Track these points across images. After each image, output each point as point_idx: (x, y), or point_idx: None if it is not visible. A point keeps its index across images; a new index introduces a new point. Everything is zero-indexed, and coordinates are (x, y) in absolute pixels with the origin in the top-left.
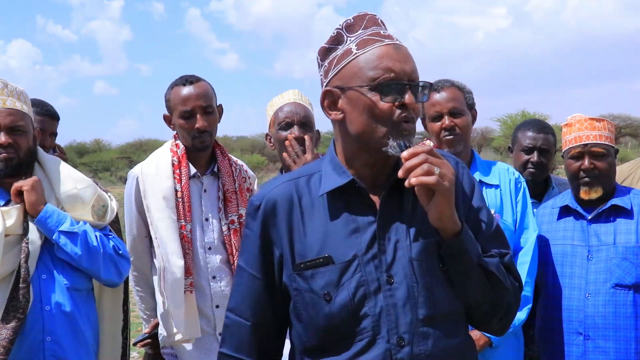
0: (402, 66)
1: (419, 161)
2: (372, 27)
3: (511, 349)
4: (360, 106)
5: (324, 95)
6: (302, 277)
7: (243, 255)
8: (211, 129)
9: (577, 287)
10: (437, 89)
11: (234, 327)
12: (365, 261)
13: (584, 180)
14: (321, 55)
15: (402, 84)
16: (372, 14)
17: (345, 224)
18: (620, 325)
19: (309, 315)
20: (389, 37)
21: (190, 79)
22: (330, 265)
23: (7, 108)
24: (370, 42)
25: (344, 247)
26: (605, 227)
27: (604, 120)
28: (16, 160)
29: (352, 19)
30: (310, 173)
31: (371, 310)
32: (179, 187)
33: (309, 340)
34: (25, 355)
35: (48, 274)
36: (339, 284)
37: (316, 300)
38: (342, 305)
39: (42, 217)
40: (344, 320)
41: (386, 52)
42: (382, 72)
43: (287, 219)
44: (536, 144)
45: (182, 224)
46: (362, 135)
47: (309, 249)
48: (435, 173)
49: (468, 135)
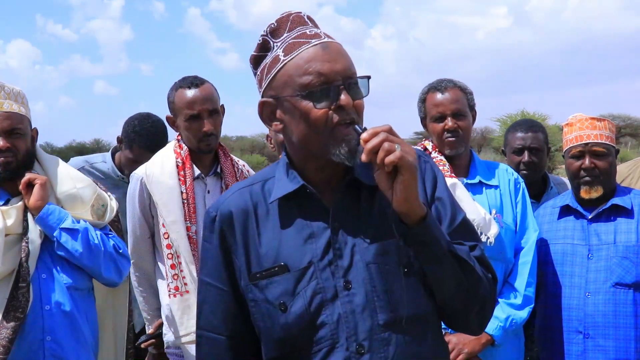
0: (332, 66)
1: (379, 140)
2: (297, 27)
3: (512, 348)
4: (297, 116)
5: (260, 107)
6: (258, 287)
7: (205, 270)
8: (217, 132)
9: (578, 285)
10: (440, 89)
11: (208, 345)
12: (321, 267)
13: (584, 180)
14: (253, 64)
15: (335, 85)
16: (297, 12)
17: (300, 230)
18: (620, 324)
19: (265, 326)
20: (316, 36)
21: (195, 81)
22: (285, 273)
23: (4, 112)
24: (297, 45)
25: (300, 254)
26: (605, 227)
27: (605, 120)
28: (14, 164)
29: (275, 23)
30: (264, 179)
31: (329, 318)
32: (184, 188)
33: (268, 351)
34: (25, 355)
35: (48, 273)
36: (294, 293)
37: (272, 311)
38: (298, 314)
39: (44, 215)
40: (301, 330)
41: (313, 55)
42: (311, 77)
43: (242, 228)
44: (525, 143)
45: (188, 225)
46: (304, 144)
47: (264, 257)
48: (397, 149)
49: (469, 136)
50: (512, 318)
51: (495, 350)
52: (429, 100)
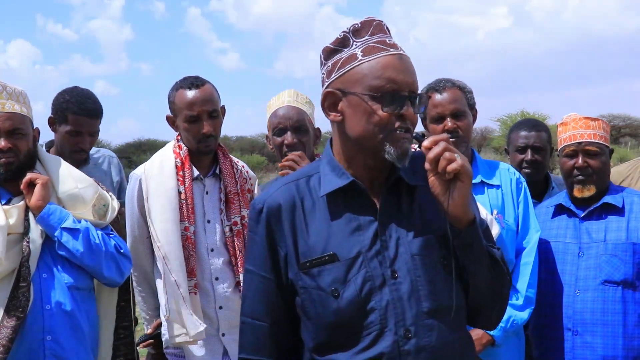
0: (404, 78)
1: (441, 149)
2: (378, 34)
3: (513, 348)
4: (360, 112)
5: (325, 96)
6: (309, 274)
7: (250, 259)
8: (216, 133)
9: (568, 283)
10: (439, 89)
11: (250, 330)
12: (369, 257)
13: (577, 179)
14: (325, 55)
15: (403, 95)
16: (379, 20)
17: (347, 222)
18: (608, 321)
19: (317, 312)
20: (394, 47)
21: (196, 82)
22: (335, 262)
23: (6, 112)
24: (376, 50)
25: (348, 244)
26: (596, 225)
27: (599, 120)
28: (16, 165)
29: (359, 24)
30: (308, 175)
31: (378, 304)
32: (183, 188)
33: (317, 336)
34: (25, 354)
35: (49, 272)
36: (345, 280)
37: (324, 297)
38: (350, 300)
39: (45, 214)
40: (352, 315)
41: (391, 63)
42: (385, 82)
43: (290, 220)
44: (529, 142)
45: (186, 226)
46: (361, 139)
47: (313, 248)
48: (457, 158)
49: (470, 136)
50: (513, 319)
51: (495, 350)
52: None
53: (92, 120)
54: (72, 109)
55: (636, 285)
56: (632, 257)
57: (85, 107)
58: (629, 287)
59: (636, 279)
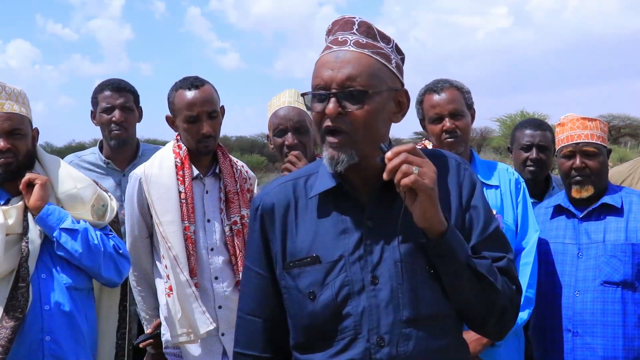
0: (332, 74)
1: (398, 162)
2: (338, 32)
3: (512, 348)
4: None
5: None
6: (290, 275)
7: (248, 256)
8: (216, 134)
9: (567, 284)
10: (437, 90)
11: (246, 326)
12: (351, 262)
13: (575, 179)
14: None
15: (326, 93)
16: (349, 17)
17: (335, 224)
18: (608, 322)
19: (295, 313)
20: (342, 43)
21: (196, 82)
22: (317, 264)
23: (5, 112)
24: (325, 48)
25: (332, 247)
26: (595, 225)
27: (596, 120)
28: (15, 165)
29: (330, 25)
30: (308, 174)
31: (354, 309)
32: (183, 188)
33: (296, 336)
34: (25, 355)
35: (48, 273)
36: (323, 283)
37: (301, 299)
38: (325, 304)
39: (44, 214)
40: (326, 319)
41: (325, 60)
42: (315, 80)
43: (282, 220)
44: (534, 141)
45: (186, 225)
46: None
47: (299, 248)
48: (414, 172)
49: (468, 136)
50: None
51: (495, 350)
52: (426, 101)
53: (122, 94)
54: (106, 87)
55: (636, 286)
56: (631, 257)
57: (118, 84)
58: (629, 287)
59: (635, 280)
